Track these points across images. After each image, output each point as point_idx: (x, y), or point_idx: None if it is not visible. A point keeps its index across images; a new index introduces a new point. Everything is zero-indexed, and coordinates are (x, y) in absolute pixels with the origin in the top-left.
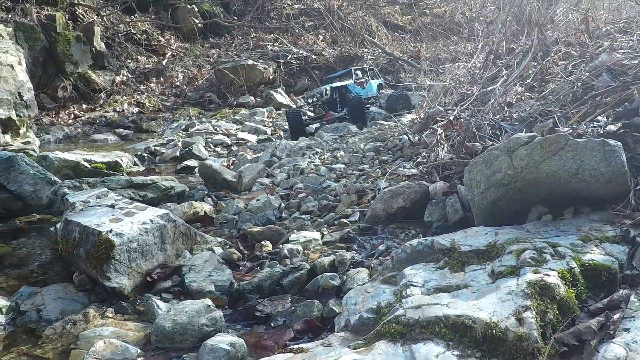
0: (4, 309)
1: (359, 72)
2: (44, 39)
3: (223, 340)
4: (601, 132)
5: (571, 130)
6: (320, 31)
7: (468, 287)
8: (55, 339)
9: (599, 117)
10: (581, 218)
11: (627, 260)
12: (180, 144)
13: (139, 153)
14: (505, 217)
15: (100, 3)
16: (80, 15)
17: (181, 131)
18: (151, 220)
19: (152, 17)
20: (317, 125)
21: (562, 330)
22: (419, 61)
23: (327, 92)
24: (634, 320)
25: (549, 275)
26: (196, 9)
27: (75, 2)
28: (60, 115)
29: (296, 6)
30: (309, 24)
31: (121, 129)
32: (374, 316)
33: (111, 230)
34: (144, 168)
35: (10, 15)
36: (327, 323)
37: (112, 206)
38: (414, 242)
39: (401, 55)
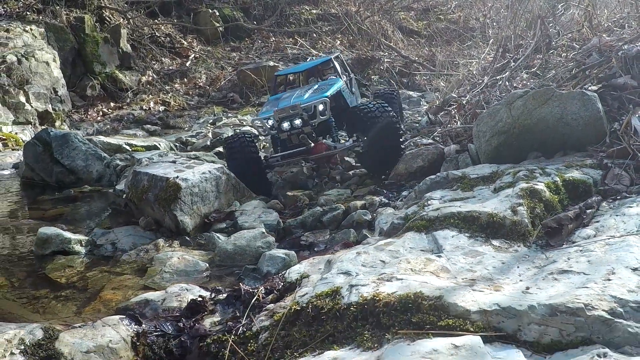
0: (83, 242)
1: (335, 63)
2: (74, 40)
3: (279, 251)
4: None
5: None
6: (338, 35)
7: (475, 198)
8: (131, 261)
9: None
10: (568, 156)
11: (601, 179)
12: (210, 134)
13: (172, 144)
14: (506, 161)
15: (126, 7)
16: (107, 18)
17: (208, 125)
18: (209, 171)
19: (175, 21)
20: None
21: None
22: (434, 64)
23: (321, 108)
24: (602, 215)
25: (537, 185)
26: (217, 14)
27: (103, 5)
28: (89, 113)
29: (314, 11)
30: (327, 28)
31: (149, 125)
32: (403, 222)
33: (177, 177)
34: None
35: (41, 17)
36: None
37: (174, 161)
38: (433, 176)
39: (417, 58)
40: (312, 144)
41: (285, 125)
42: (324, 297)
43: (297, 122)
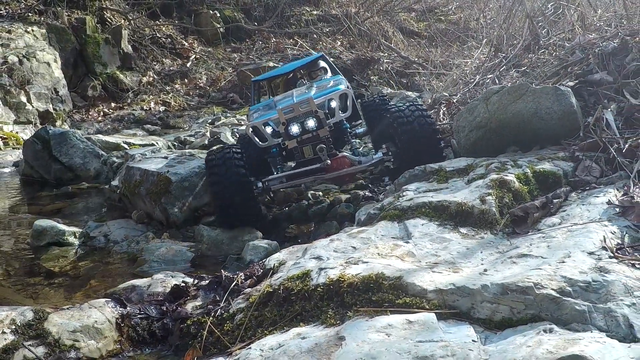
0: (77, 234)
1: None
2: (75, 40)
3: (262, 241)
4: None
5: None
6: (338, 36)
7: (448, 189)
8: (122, 252)
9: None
10: (543, 150)
11: (572, 171)
12: (208, 133)
13: (170, 143)
14: (485, 155)
15: (127, 8)
16: (109, 19)
17: (207, 125)
18: (199, 167)
19: (176, 22)
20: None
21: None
22: (433, 64)
23: (338, 104)
24: (570, 205)
25: (507, 176)
26: (218, 15)
27: (104, 6)
28: (90, 113)
29: (315, 12)
30: (327, 30)
31: (149, 125)
32: (378, 212)
33: (168, 171)
34: None
35: (42, 18)
36: None
37: (166, 157)
38: (411, 169)
39: (416, 59)
40: (329, 161)
41: (295, 128)
42: (294, 280)
43: (311, 123)
